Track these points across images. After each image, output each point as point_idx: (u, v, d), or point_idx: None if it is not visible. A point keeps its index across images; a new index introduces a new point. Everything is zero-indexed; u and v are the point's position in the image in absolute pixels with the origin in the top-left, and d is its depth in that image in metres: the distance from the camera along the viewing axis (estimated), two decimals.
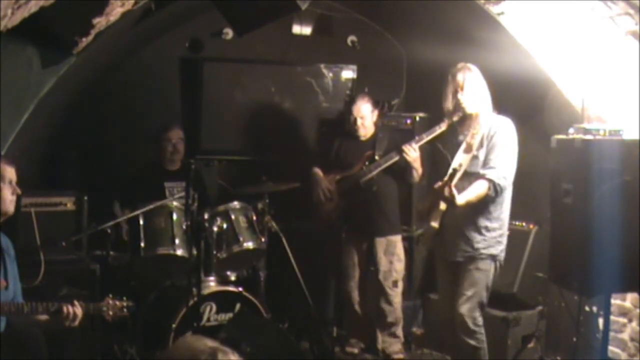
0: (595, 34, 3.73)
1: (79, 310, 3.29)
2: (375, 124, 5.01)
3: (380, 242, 4.91)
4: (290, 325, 4.90)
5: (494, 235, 3.97)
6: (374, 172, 4.78)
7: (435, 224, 3.95)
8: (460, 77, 3.97)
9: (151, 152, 5.08)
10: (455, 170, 3.81)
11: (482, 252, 3.96)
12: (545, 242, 3.95)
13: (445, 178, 3.83)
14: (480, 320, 4.00)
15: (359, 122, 4.91)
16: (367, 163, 4.83)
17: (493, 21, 4.14)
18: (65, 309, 3.25)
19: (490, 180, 3.88)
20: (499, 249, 4.00)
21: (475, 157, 3.92)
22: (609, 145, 3.40)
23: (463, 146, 3.95)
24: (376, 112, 5.01)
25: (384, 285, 4.90)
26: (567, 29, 3.89)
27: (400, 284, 4.96)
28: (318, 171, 5.01)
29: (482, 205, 3.93)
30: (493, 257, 3.98)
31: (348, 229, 4.95)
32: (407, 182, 4.84)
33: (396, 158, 4.62)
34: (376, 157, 4.80)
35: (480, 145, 3.93)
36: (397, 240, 4.97)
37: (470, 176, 3.93)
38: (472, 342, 3.98)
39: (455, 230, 4.00)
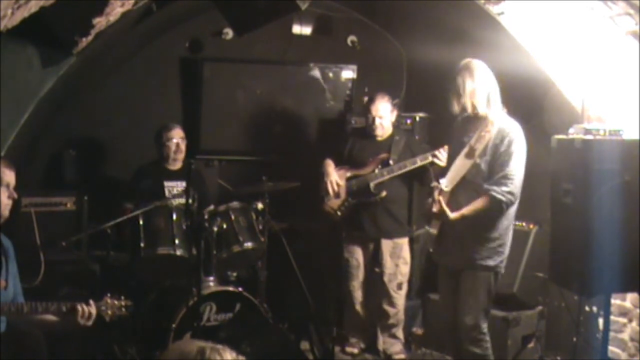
0: (595, 34, 3.73)
1: (93, 310, 3.29)
2: (393, 125, 4.95)
3: (387, 244, 4.88)
4: (290, 325, 4.89)
5: (494, 246, 3.83)
6: (386, 177, 4.74)
7: (433, 231, 3.89)
8: (459, 81, 3.78)
9: (152, 152, 5.08)
10: (441, 191, 3.72)
11: (479, 262, 3.83)
12: (545, 242, 3.94)
13: (435, 196, 3.75)
14: (485, 328, 3.91)
15: (377, 121, 4.84)
16: (379, 166, 4.79)
17: (493, 21, 4.14)
18: (80, 308, 3.25)
19: (492, 198, 3.72)
20: (498, 260, 3.85)
21: (476, 166, 3.79)
22: (609, 145, 3.39)
23: (466, 149, 3.81)
24: (395, 112, 4.94)
25: (388, 287, 4.89)
26: (567, 29, 3.88)
27: (405, 287, 4.95)
28: (330, 162, 4.97)
29: (483, 216, 3.80)
30: (491, 268, 3.85)
31: (354, 229, 4.92)
32: (428, 184, 4.62)
33: (428, 160, 4.52)
34: (390, 162, 4.76)
35: (484, 152, 3.77)
36: (404, 242, 4.93)
37: (469, 185, 3.81)
38: (478, 350, 3.90)
39: (455, 239, 3.91)
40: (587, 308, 4.28)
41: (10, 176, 3.28)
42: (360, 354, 5.07)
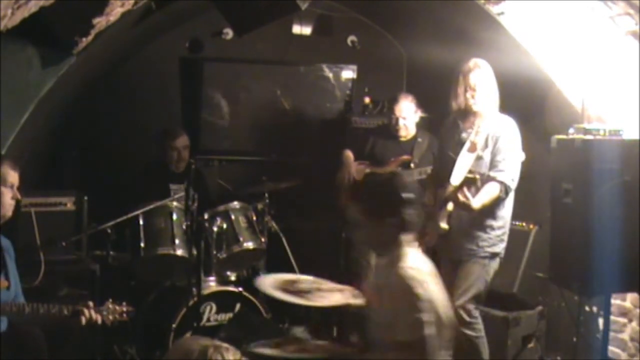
0: (595, 34, 3.73)
1: (97, 317, 3.30)
2: (417, 125, 4.89)
3: None
4: (290, 325, 4.89)
5: (498, 234, 4.00)
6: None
7: (444, 225, 3.95)
8: (472, 77, 3.94)
9: (153, 152, 5.07)
10: (472, 179, 3.79)
11: (486, 249, 3.98)
12: (545, 242, 3.95)
13: (458, 184, 3.81)
14: (475, 313, 4.00)
15: (401, 122, 4.78)
16: (400, 168, 4.72)
17: (493, 21, 4.14)
18: (83, 317, 3.26)
19: (501, 183, 3.89)
20: (502, 247, 4.03)
21: (479, 158, 3.91)
22: (609, 145, 3.40)
23: (467, 145, 3.93)
24: (419, 113, 4.88)
25: None
26: (567, 29, 3.88)
27: None
28: (349, 154, 4.93)
29: (489, 206, 3.93)
30: (495, 255, 4.01)
31: None
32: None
33: None
34: (411, 165, 4.71)
35: (485, 145, 3.93)
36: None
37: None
38: (470, 332, 4.00)
39: (461, 230, 4.00)
40: (587, 308, 4.28)
41: (14, 177, 3.29)
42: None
